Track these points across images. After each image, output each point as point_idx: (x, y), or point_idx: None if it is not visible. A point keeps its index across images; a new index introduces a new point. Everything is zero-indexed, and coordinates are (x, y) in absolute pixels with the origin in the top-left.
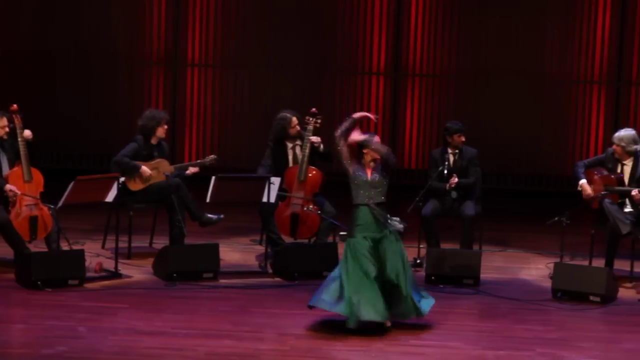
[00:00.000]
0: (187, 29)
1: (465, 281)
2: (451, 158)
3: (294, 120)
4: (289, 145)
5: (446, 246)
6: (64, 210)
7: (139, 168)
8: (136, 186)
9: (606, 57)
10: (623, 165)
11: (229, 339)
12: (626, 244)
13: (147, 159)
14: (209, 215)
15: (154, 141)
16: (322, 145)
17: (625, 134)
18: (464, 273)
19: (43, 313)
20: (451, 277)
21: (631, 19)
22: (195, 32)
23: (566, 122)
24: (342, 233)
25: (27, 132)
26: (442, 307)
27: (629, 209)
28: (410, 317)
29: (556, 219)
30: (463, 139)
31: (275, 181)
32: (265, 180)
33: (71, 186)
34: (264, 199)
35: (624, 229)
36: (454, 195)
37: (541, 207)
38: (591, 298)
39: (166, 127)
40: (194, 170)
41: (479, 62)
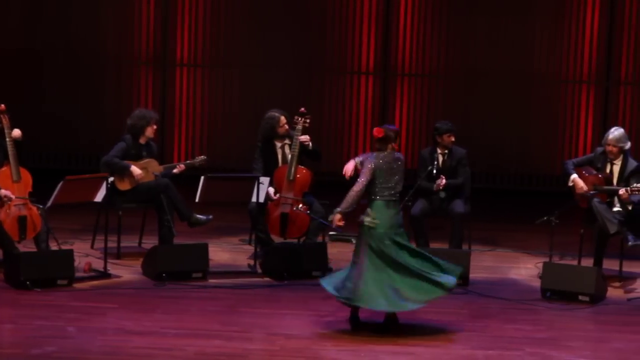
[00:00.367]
0: (176, 28)
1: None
2: (440, 158)
3: (282, 120)
4: (278, 144)
5: (435, 246)
6: (53, 210)
7: (129, 168)
8: (125, 186)
9: (595, 57)
10: (612, 164)
11: (218, 339)
12: (615, 243)
13: (136, 158)
14: (198, 216)
15: (142, 141)
16: (310, 144)
17: (619, 134)
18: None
19: (32, 313)
20: None
21: (620, 18)
22: (184, 32)
23: (555, 122)
24: (331, 233)
25: (17, 132)
26: (431, 307)
27: (617, 208)
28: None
29: (545, 218)
30: (453, 139)
31: (265, 181)
32: (254, 180)
33: (60, 186)
34: (253, 199)
35: (613, 228)
36: (442, 195)
37: (530, 206)
38: (580, 297)
39: (155, 128)
40: (181, 168)
41: (468, 62)
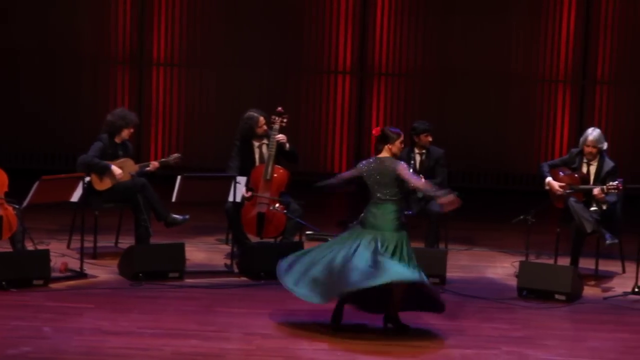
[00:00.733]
0: (153, 28)
1: (431, 280)
2: (418, 158)
3: (262, 120)
4: (256, 144)
5: (412, 245)
6: (28, 210)
7: (109, 168)
8: (102, 186)
9: (571, 56)
10: (589, 164)
11: (194, 339)
12: (591, 242)
13: (112, 158)
14: (175, 216)
15: (118, 140)
16: (287, 144)
17: (598, 134)
18: (430, 272)
19: (8, 313)
20: None
21: (596, 18)
22: (160, 31)
23: (532, 121)
24: (308, 232)
25: None
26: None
27: (594, 207)
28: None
29: (522, 217)
30: (430, 139)
31: (242, 180)
32: (231, 180)
33: (36, 186)
34: (230, 199)
35: (589, 227)
36: (419, 195)
37: (507, 205)
38: (557, 296)
39: (132, 131)
40: (155, 165)
41: (445, 62)
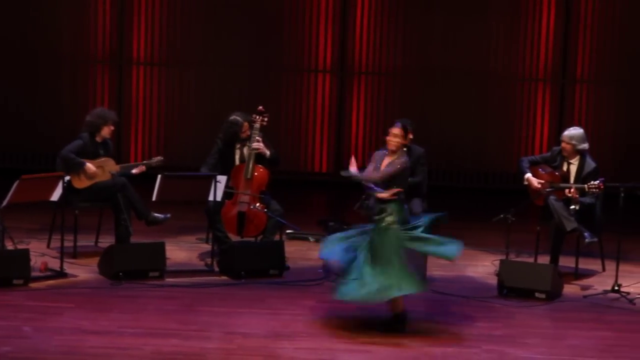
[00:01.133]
0: (132, 27)
1: None
2: None
3: (246, 126)
4: (237, 146)
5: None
6: (8, 209)
7: (83, 165)
8: (81, 184)
9: (551, 55)
10: (570, 164)
11: (175, 338)
12: (571, 241)
13: (93, 157)
14: (156, 215)
15: (98, 139)
16: (268, 152)
17: (576, 132)
18: None
19: None
20: None
21: (575, 17)
22: (140, 30)
23: (512, 120)
24: (289, 231)
25: None
26: (388, 305)
27: (574, 205)
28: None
29: (502, 216)
30: (411, 136)
31: (222, 180)
32: (211, 179)
33: (15, 185)
34: (210, 198)
35: (569, 225)
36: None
37: (487, 204)
38: (537, 295)
39: (112, 129)
40: (141, 169)
41: (425, 61)
